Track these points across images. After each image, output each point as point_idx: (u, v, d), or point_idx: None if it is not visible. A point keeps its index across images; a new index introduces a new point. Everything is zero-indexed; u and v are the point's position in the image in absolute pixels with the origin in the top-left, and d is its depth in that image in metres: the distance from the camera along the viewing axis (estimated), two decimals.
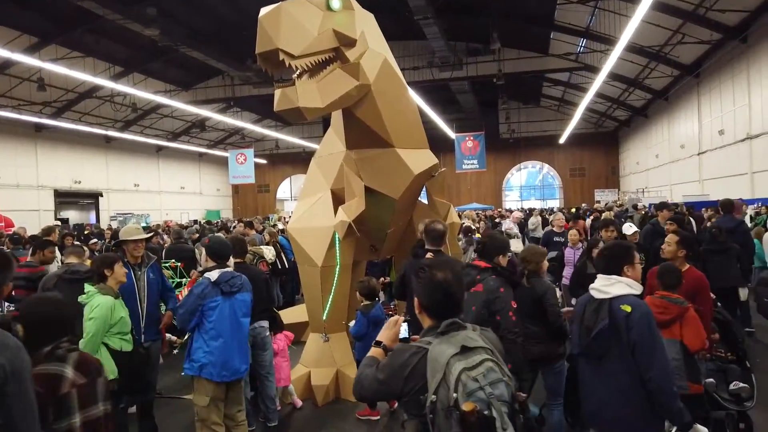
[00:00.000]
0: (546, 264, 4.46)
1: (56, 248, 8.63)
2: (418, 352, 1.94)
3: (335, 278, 5.94)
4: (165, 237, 13.54)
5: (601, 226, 6.26)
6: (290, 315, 7.81)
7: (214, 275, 3.89)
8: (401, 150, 6.05)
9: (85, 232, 15.71)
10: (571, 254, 7.39)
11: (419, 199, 6.90)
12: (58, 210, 28.59)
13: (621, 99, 29.98)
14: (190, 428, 5.18)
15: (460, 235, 10.57)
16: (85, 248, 6.47)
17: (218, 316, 3.85)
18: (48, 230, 8.98)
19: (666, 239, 4.51)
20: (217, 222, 24.44)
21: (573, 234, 7.42)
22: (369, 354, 2.24)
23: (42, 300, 2.68)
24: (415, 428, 1.92)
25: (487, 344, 1.92)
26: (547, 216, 17.35)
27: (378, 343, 2.23)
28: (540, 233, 14.14)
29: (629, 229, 6.13)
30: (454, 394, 1.75)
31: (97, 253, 8.12)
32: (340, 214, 5.87)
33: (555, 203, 39.18)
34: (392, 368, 1.98)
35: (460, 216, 12.74)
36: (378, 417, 5.26)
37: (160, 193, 36.57)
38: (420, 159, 6.24)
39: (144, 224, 26.57)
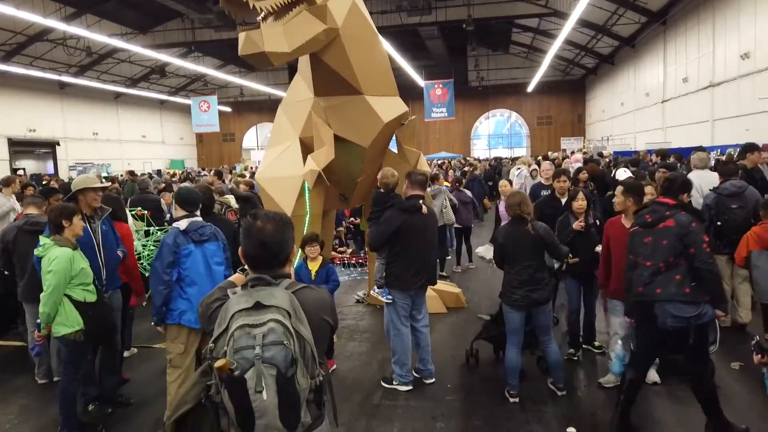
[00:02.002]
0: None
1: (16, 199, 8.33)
2: (221, 299, 2.02)
3: (305, 227, 5.92)
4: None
5: (554, 176, 6.08)
6: None
7: (182, 224, 3.85)
8: (371, 97, 5.95)
9: (43, 183, 15.07)
10: (503, 209, 6.85)
11: (389, 147, 6.84)
12: (14, 159, 27.49)
13: (589, 46, 29.93)
14: (160, 376, 5.21)
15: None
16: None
17: (191, 263, 3.84)
18: (7, 180, 8.61)
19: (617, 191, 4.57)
20: (183, 172, 23.96)
21: (504, 185, 7.05)
22: (230, 279, 2.30)
23: None
24: (203, 368, 1.98)
25: (287, 305, 1.88)
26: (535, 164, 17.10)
27: (243, 270, 2.28)
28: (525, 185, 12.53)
29: (623, 174, 6.18)
30: (226, 348, 1.81)
31: None
32: (310, 163, 5.79)
33: (522, 152, 39.46)
34: (203, 307, 2.08)
35: (430, 165, 12.68)
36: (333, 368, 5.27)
37: (120, 142, 35.42)
38: (390, 107, 6.16)
39: (105, 174, 25.85)
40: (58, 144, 30.10)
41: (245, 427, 1.82)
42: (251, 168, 22.59)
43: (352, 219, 10.85)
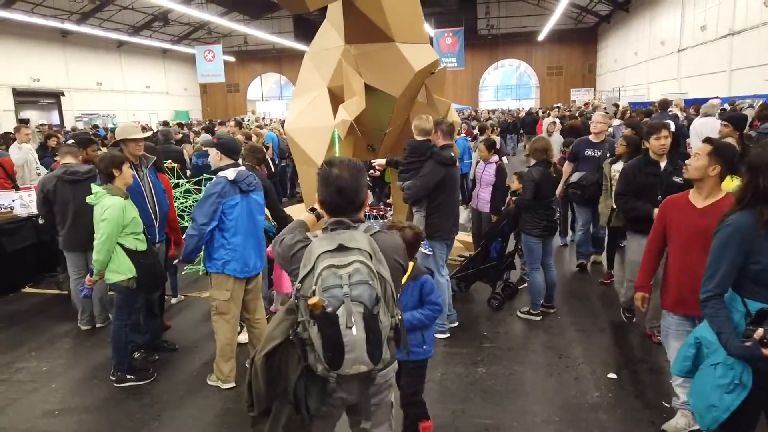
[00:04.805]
0: None
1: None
2: (304, 242, 2.08)
3: None
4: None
5: (649, 132, 4.38)
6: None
7: (231, 174, 3.78)
8: (402, 45, 5.85)
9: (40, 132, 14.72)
10: (481, 171, 6.42)
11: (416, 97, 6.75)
12: (19, 110, 27.17)
13: None
14: (200, 323, 5.34)
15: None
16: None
17: (238, 213, 3.80)
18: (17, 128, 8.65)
19: (698, 149, 3.15)
20: (206, 122, 23.68)
21: (483, 148, 6.50)
22: (301, 218, 2.39)
23: None
24: (288, 306, 2.07)
25: (368, 248, 1.96)
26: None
27: (312, 210, 2.39)
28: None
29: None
30: (314, 287, 1.88)
31: None
32: (341, 113, 5.72)
33: (531, 103, 38.89)
34: (284, 248, 2.15)
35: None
36: None
37: (124, 92, 34.93)
38: (421, 54, 6.05)
39: (111, 125, 25.63)
40: (63, 94, 29.72)
41: (334, 361, 1.90)
42: (261, 119, 22.35)
43: (371, 171, 10.77)
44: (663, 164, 4.25)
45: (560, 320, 5.12)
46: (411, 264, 3.01)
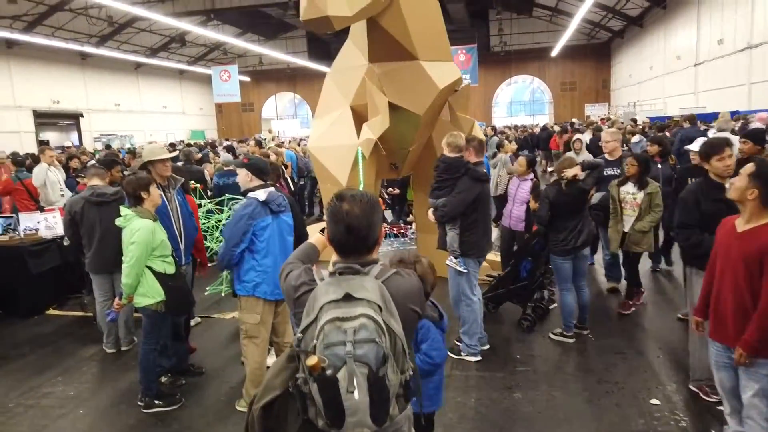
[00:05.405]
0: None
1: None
2: (309, 285, 1.93)
3: None
4: None
5: (709, 153, 3.77)
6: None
7: (261, 195, 3.72)
8: (426, 63, 5.82)
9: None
10: (515, 188, 6.26)
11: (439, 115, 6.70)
12: (39, 131, 27.60)
13: (617, 7, 29.00)
14: (226, 345, 5.27)
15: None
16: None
17: (269, 235, 3.75)
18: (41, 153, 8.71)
19: (742, 169, 2.93)
20: (208, 140, 23.86)
21: (521, 163, 6.22)
22: (310, 240, 2.25)
23: None
24: (290, 354, 1.93)
25: (378, 299, 1.78)
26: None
27: (323, 231, 2.17)
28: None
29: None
30: (315, 341, 1.72)
31: None
32: (366, 132, 5.68)
33: (545, 119, 38.77)
34: (288, 288, 2.01)
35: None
36: None
37: (142, 113, 35.38)
38: (445, 72, 6.01)
39: (129, 146, 25.96)
40: (82, 116, 30.16)
41: (335, 422, 1.76)
42: (277, 138, 22.47)
43: (390, 189, 10.74)
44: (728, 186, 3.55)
45: (595, 342, 4.98)
46: None
